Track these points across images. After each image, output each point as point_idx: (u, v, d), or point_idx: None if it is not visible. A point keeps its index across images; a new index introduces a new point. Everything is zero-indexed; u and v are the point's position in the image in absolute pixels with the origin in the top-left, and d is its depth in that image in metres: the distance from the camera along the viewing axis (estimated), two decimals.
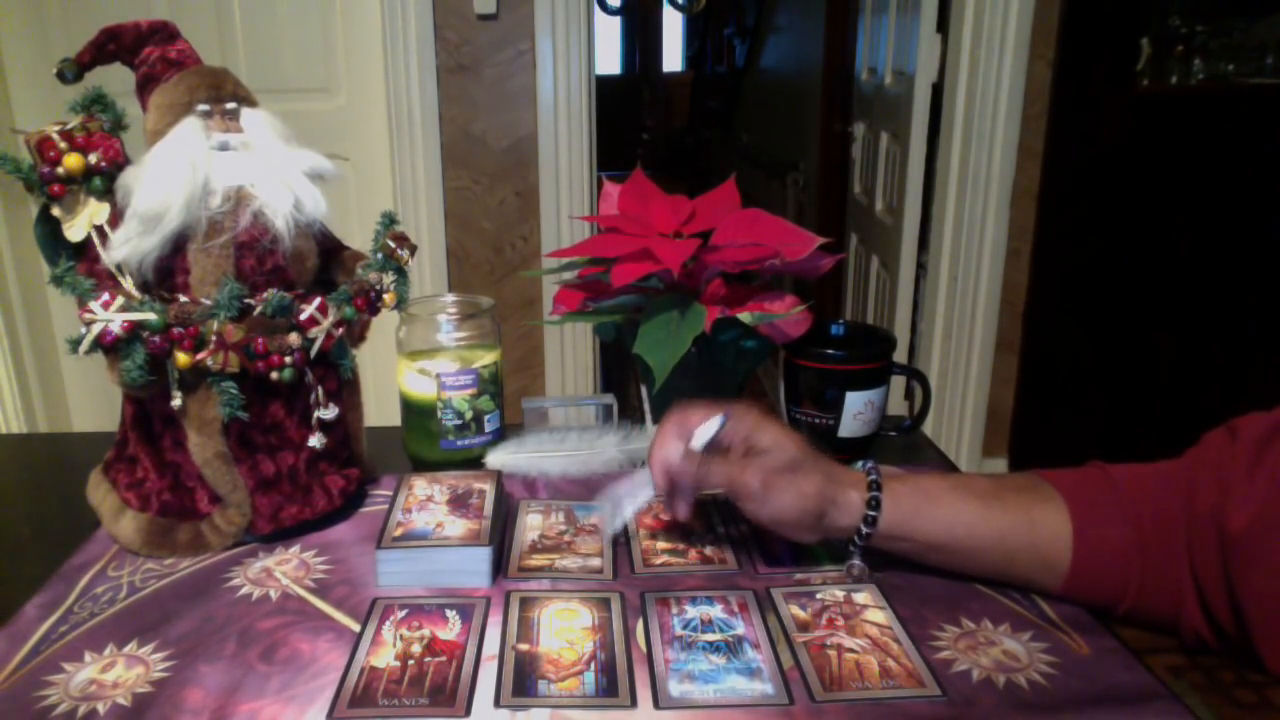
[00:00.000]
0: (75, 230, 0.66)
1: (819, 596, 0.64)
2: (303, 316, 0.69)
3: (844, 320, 0.92)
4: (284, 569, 0.68)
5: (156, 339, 0.64)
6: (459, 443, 0.83)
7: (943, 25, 2.24)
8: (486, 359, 0.82)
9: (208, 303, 0.65)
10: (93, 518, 0.73)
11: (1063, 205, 2.23)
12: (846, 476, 0.64)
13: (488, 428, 0.83)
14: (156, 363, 0.65)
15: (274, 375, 0.67)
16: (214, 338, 0.65)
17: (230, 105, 0.69)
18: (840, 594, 0.65)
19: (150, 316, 0.63)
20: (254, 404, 0.69)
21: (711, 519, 0.76)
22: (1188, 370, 2.26)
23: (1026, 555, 0.62)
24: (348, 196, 2.14)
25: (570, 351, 2.30)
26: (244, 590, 0.65)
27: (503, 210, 2.21)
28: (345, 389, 0.76)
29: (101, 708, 0.53)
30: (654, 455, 0.66)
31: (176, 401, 0.66)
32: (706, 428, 0.65)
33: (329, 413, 0.73)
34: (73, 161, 0.65)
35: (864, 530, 0.63)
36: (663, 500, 0.69)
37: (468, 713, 0.52)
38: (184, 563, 0.69)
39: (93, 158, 0.65)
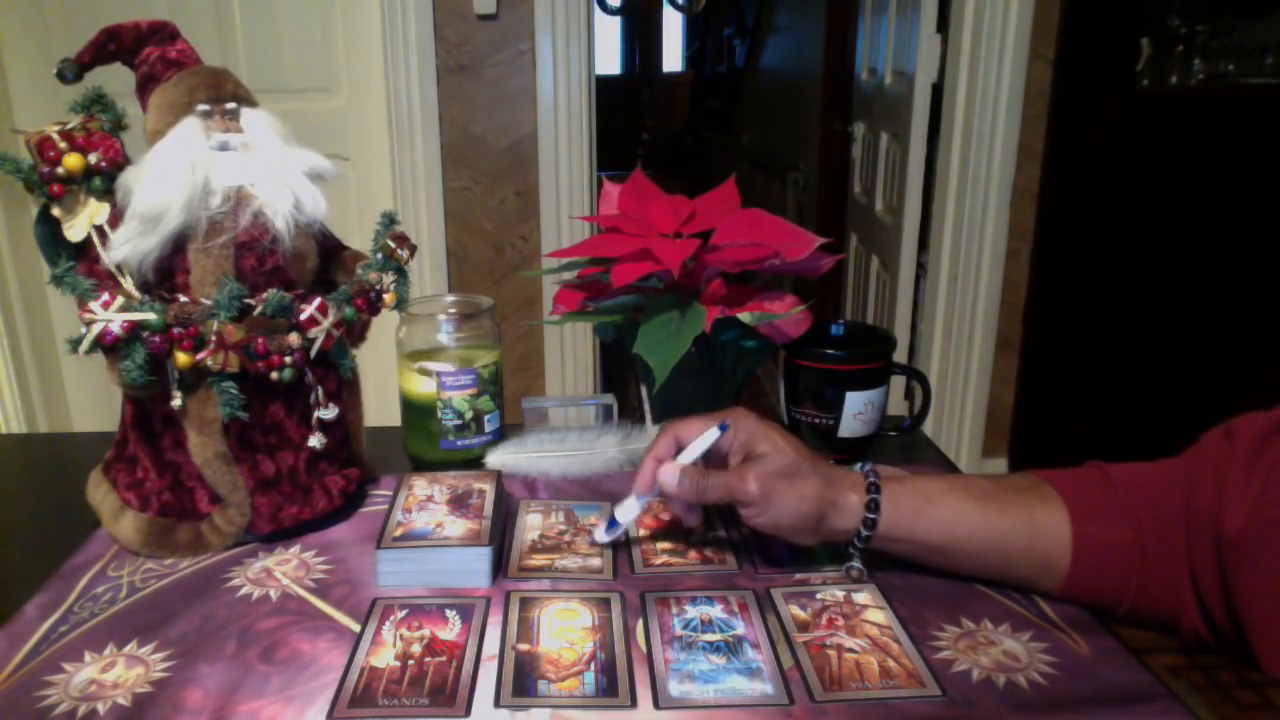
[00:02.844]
0: (75, 230, 0.66)
1: (819, 596, 0.64)
2: (303, 316, 0.69)
3: (844, 320, 0.92)
4: (284, 569, 0.68)
5: (156, 339, 0.64)
6: (459, 443, 0.83)
7: (943, 25, 2.24)
8: (486, 359, 0.82)
9: (208, 303, 0.65)
10: (93, 518, 0.73)
11: (1063, 205, 2.23)
12: (845, 479, 0.64)
13: (488, 428, 0.83)
14: (156, 363, 0.65)
15: (274, 375, 0.67)
16: (214, 338, 0.65)
17: (230, 105, 0.69)
18: (840, 594, 0.65)
19: (150, 316, 0.63)
20: (254, 404, 0.68)
21: (711, 520, 0.76)
22: (1188, 370, 2.26)
23: (1026, 557, 0.62)
24: (348, 196, 2.14)
25: (570, 351, 2.30)
26: (244, 590, 0.65)
27: (503, 210, 2.21)
28: (345, 389, 0.76)
29: (101, 708, 0.53)
30: (645, 466, 0.66)
31: (176, 401, 0.66)
32: (702, 440, 0.65)
33: (329, 413, 0.73)
34: (73, 161, 0.65)
35: (863, 533, 0.63)
36: (664, 502, 0.69)
37: (468, 713, 0.52)
38: (184, 563, 0.69)
39: (93, 158, 0.65)
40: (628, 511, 0.68)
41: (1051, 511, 0.61)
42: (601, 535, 0.70)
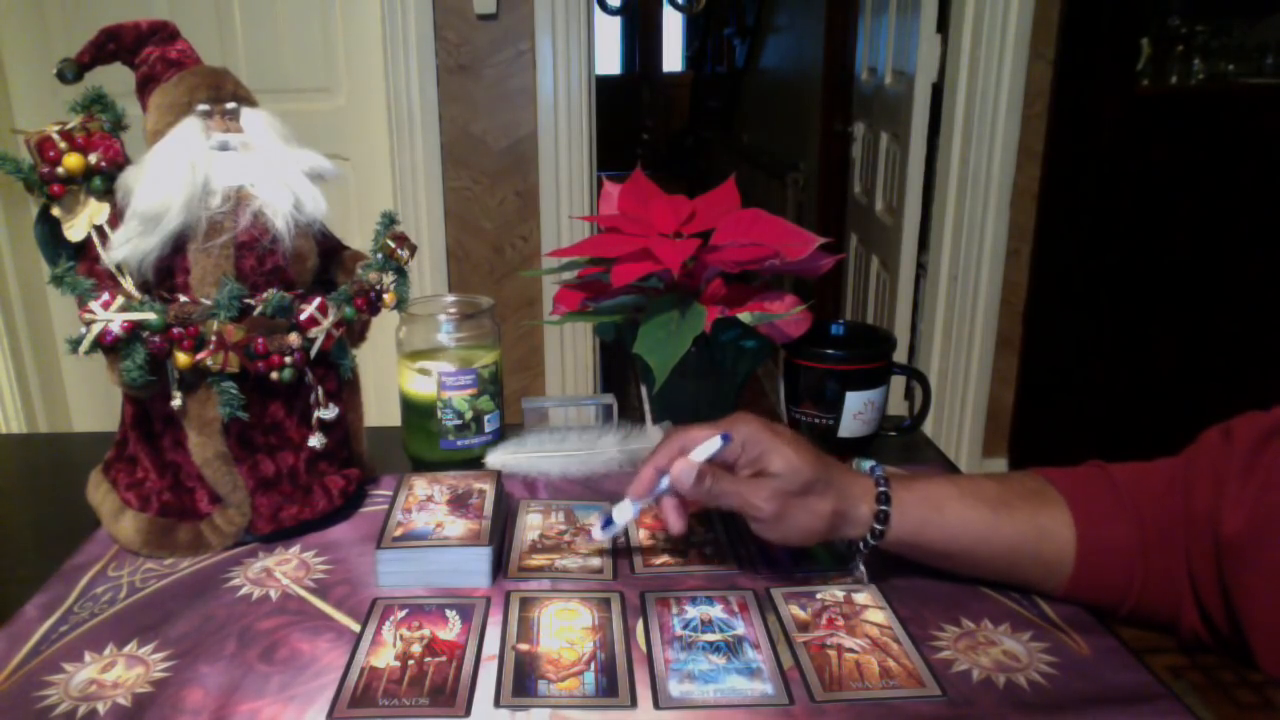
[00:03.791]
0: (75, 230, 0.66)
1: (819, 596, 0.64)
2: (303, 316, 0.69)
3: (844, 320, 0.92)
4: (284, 569, 0.68)
5: (156, 339, 0.64)
6: (459, 443, 0.83)
7: (943, 25, 2.24)
8: (486, 359, 0.82)
9: (208, 303, 0.66)
10: (93, 518, 0.73)
11: (1063, 205, 2.23)
12: (856, 490, 0.63)
13: (488, 428, 0.83)
14: (156, 363, 0.65)
15: (274, 375, 0.67)
16: (214, 338, 0.65)
17: (230, 105, 0.69)
18: (840, 594, 0.65)
19: (150, 316, 0.63)
20: (254, 404, 0.69)
21: (711, 519, 0.76)
22: (1188, 370, 2.26)
23: (1031, 562, 0.62)
24: (348, 196, 2.14)
25: (570, 351, 2.30)
26: (244, 590, 0.65)
27: (503, 210, 2.21)
28: (345, 389, 0.76)
29: (101, 708, 0.53)
30: (645, 473, 0.65)
31: (176, 401, 0.66)
32: (703, 449, 0.64)
33: (329, 413, 0.73)
34: (73, 161, 0.65)
35: (869, 540, 0.63)
36: (657, 511, 0.68)
37: (468, 713, 0.52)
38: (184, 563, 0.69)
39: (93, 158, 0.65)
40: (624, 513, 0.67)
41: (1056, 516, 0.61)
42: (598, 533, 0.68)
